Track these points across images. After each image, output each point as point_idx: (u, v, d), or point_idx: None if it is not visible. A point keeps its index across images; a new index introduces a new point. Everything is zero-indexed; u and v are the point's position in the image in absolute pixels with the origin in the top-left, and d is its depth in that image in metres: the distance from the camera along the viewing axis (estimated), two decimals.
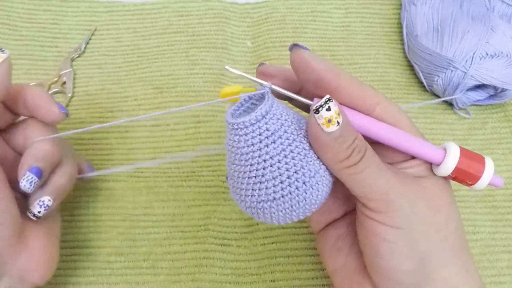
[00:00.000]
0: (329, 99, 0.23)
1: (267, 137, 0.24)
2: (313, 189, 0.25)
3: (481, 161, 0.25)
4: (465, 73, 0.41)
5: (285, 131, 0.24)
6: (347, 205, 0.30)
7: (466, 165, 0.25)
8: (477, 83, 0.41)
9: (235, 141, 0.25)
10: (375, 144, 0.26)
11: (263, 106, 0.24)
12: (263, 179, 0.24)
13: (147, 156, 0.41)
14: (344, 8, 0.51)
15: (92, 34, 0.49)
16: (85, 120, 0.43)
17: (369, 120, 0.25)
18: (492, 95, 0.44)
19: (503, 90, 0.42)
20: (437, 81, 0.43)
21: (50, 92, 0.45)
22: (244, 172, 0.25)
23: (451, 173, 0.25)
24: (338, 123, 0.23)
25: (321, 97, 0.24)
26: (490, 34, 0.41)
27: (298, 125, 0.25)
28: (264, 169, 0.24)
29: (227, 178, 0.27)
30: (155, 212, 0.38)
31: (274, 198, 0.24)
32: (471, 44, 0.41)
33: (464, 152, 0.25)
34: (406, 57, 0.48)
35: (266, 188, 0.24)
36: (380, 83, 0.46)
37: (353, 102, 0.25)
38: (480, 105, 0.45)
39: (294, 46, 0.25)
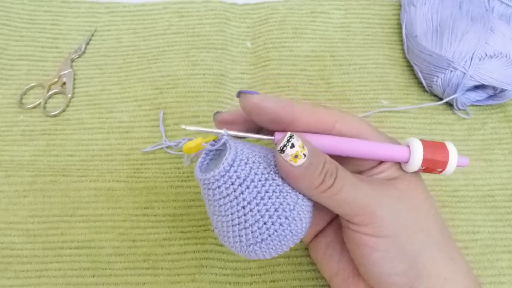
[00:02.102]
0: (290, 137, 0.24)
1: (240, 185, 0.24)
2: (296, 220, 0.25)
3: (443, 146, 0.26)
4: (465, 73, 0.41)
5: (256, 174, 0.25)
6: (330, 213, 0.29)
7: (432, 154, 0.26)
8: (477, 83, 0.41)
9: (209, 194, 0.25)
10: (345, 158, 0.27)
11: (228, 156, 0.24)
12: (247, 225, 0.25)
13: (148, 156, 0.41)
14: (344, 9, 0.51)
15: (92, 35, 0.49)
16: (85, 121, 0.43)
17: (329, 139, 0.26)
18: (491, 96, 0.44)
19: (503, 90, 0.42)
20: (436, 81, 0.43)
21: (50, 93, 0.45)
22: (227, 222, 0.25)
23: (421, 166, 0.26)
24: (304, 155, 0.24)
25: (282, 131, 0.25)
26: (489, 35, 0.41)
27: (267, 162, 0.25)
28: (245, 215, 0.25)
29: (213, 227, 0.28)
30: (155, 212, 0.38)
31: (262, 240, 0.25)
32: (470, 44, 0.41)
33: (426, 143, 0.26)
34: (405, 57, 0.48)
35: (252, 232, 0.25)
36: (380, 84, 0.46)
37: (312, 128, 0.26)
38: (479, 106, 0.45)
39: (241, 93, 0.26)
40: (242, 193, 0.24)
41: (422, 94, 0.46)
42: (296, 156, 0.24)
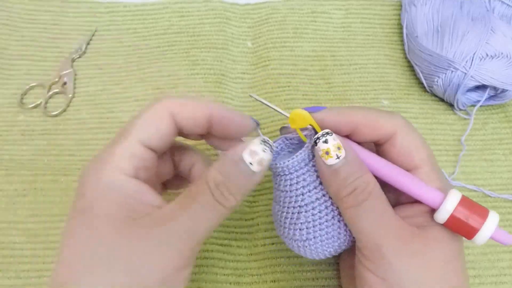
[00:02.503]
0: (327, 133, 0.25)
1: (303, 187, 0.26)
2: (340, 234, 0.27)
3: (482, 213, 0.24)
4: (465, 74, 0.41)
5: (320, 182, 0.26)
6: None
7: (463, 214, 0.24)
8: (477, 83, 0.41)
9: (276, 182, 0.27)
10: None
11: (304, 154, 0.26)
12: (298, 222, 0.27)
13: None
14: (344, 9, 0.51)
15: (93, 35, 0.49)
16: (85, 121, 0.43)
17: (375, 158, 0.26)
18: (492, 96, 0.44)
19: (503, 90, 0.42)
20: (437, 81, 0.43)
21: (50, 93, 0.45)
22: (283, 212, 0.27)
23: (447, 221, 0.24)
24: (337, 156, 0.24)
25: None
26: (490, 35, 0.41)
27: None
28: (299, 213, 0.26)
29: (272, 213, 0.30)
30: None
31: (306, 239, 0.27)
32: (471, 45, 0.41)
33: (466, 201, 0.24)
34: (406, 57, 0.48)
35: (300, 230, 0.27)
36: (380, 84, 0.46)
37: (369, 135, 0.26)
38: (480, 106, 0.45)
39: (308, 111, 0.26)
40: (302, 194, 0.26)
41: (422, 94, 0.46)
42: (327, 153, 0.24)
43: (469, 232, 0.24)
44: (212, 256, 0.36)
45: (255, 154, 0.23)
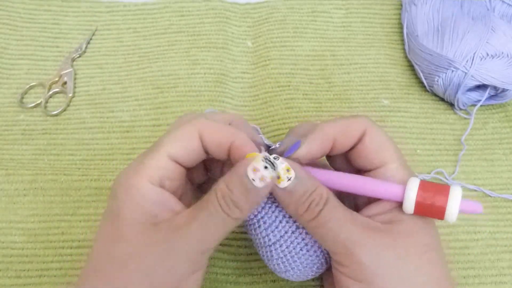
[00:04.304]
0: (273, 158, 0.25)
1: (265, 229, 0.27)
2: (317, 256, 0.28)
3: (444, 190, 0.24)
4: (466, 73, 0.41)
5: (280, 221, 0.27)
6: None
7: (427, 198, 0.24)
8: (478, 83, 0.41)
9: (245, 228, 0.29)
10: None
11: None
12: (272, 259, 0.28)
13: None
14: (344, 8, 0.51)
15: (93, 34, 0.49)
16: (86, 121, 0.43)
17: (316, 171, 0.27)
18: (492, 95, 0.44)
19: (504, 90, 0.42)
20: (437, 81, 0.43)
21: (50, 92, 0.45)
22: (259, 251, 0.29)
23: (415, 209, 0.24)
24: (288, 178, 0.25)
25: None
26: (490, 35, 0.41)
27: None
28: (270, 252, 0.28)
29: None
30: None
31: (286, 270, 0.28)
32: (471, 44, 0.41)
33: (425, 185, 0.24)
34: (406, 57, 0.48)
35: (277, 265, 0.28)
36: (381, 83, 0.46)
37: (341, 141, 0.27)
38: (480, 105, 0.45)
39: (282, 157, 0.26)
40: (267, 235, 0.27)
41: (423, 94, 0.46)
42: (278, 177, 0.25)
43: (438, 212, 0.24)
44: (212, 256, 0.36)
45: (257, 171, 0.24)
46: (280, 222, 0.27)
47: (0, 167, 0.40)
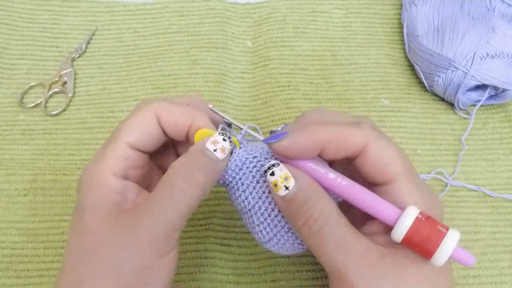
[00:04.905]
0: (273, 165, 0.25)
1: (243, 191, 0.27)
2: (290, 236, 0.26)
3: (441, 232, 0.21)
4: (466, 73, 0.41)
5: (257, 181, 0.27)
6: None
7: (420, 233, 0.21)
8: (478, 83, 0.41)
9: (228, 194, 0.29)
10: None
11: (232, 161, 0.27)
12: (254, 225, 0.27)
13: None
14: (344, 8, 0.51)
15: (93, 34, 0.49)
16: (86, 120, 0.43)
17: (332, 177, 0.25)
18: (492, 95, 0.44)
19: (504, 90, 0.42)
20: (437, 81, 0.43)
21: (50, 92, 0.45)
22: (244, 221, 0.29)
23: (403, 240, 0.22)
24: (285, 187, 0.24)
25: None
26: (490, 35, 0.41)
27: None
28: (251, 217, 0.27)
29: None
30: None
31: (270, 239, 0.27)
32: (471, 44, 0.41)
33: (421, 220, 0.22)
34: (406, 57, 0.48)
35: (260, 232, 0.27)
36: (381, 83, 0.46)
37: (340, 152, 0.25)
38: (480, 105, 0.45)
39: (267, 143, 0.25)
40: (246, 198, 0.27)
41: (423, 94, 0.46)
42: (275, 185, 0.24)
43: (427, 251, 0.21)
44: (212, 256, 0.36)
45: (217, 142, 0.25)
46: (258, 182, 0.27)
47: (0, 167, 0.40)
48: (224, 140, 0.25)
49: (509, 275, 0.36)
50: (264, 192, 0.26)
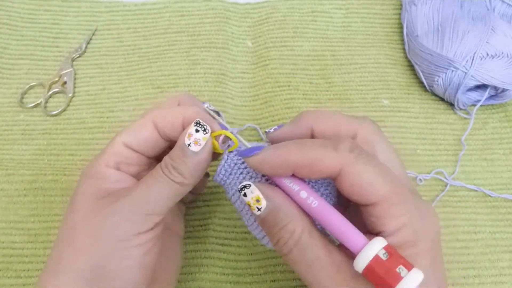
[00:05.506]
0: (245, 186, 0.25)
1: (232, 195, 0.28)
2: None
3: (396, 275, 0.20)
4: (466, 73, 0.41)
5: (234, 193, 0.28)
6: None
7: (382, 267, 0.21)
8: (478, 83, 0.41)
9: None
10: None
11: (220, 166, 0.28)
12: (249, 223, 0.28)
13: None
14: (344, 8, 0.51)
15: (93, 34, 0.49)
16: (86, 120, 0.43)
17: (306, 198, 0.24)
18: (492, 95, 0.44)
19: (504, 90, 0.42)
20: (437, 81, 0.43)
21: (50, 92, 0.45)
22: (242, 219, 0.29)
23: (362, 271, 0.21)
24: (258, 208, 0.24)
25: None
26: (490, 35, 0.41)
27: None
28: (244, 216, 0.28)
29: None
30: None
31: (264, 236, 0.27)
32: (471, 44, 0.41)
33: (387, 252, 0.21)
34: (406, 57, 0.48)
35: (255, 229, 0.28)
36: (381, 83, 0.46)
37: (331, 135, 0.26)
38: (480, 105, 0.45)
39: (244, 156, 0.26)
40: (235, 202, 0.27)
41: (423, 94, 0.46)
42: (249, 205, 0.25)
43: (385, 287, 0.21)
44: (212, 256, 0.36)
45: (191, 135, 0.26)
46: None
47: (0, 167, 0.40)
48: (197, 131, 0.26)
49: (509, 275, 0.36)
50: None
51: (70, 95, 0.45)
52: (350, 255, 0.23)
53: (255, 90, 0.46)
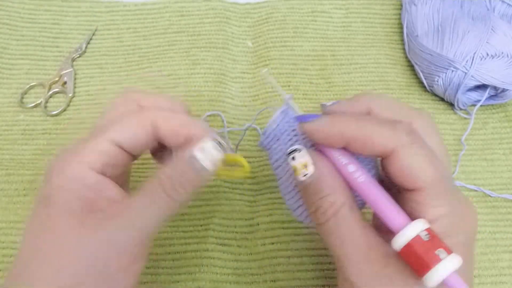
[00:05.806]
0: (294, 150, 0.25)
1: (276, 160, 0.27)
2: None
3: (434, 257, 0.20)
4: (466, 73, 0.41)
5: (284, 160, 0.27)
6: None
7: (420, 247, 0.21)
8: (478, 83, 0.41)
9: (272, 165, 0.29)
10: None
11: (269, 130, 0.28)
12: (285, 191, 0.28)
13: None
14: (344, 8, 0.51)
15: (93, 34, 0.49)
16: (86, 120, 0.43)
17: (355, 174, 0.24)
18: (492, 95, 0.44)
19: (504, 90, 0.42)
20: (437, 81, 0.43)
21: (50, 92, 0.45)
22: (280, 187, 0.29)
23: (400, 250, 0.21)
24: (303, 174, 0.24)
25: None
26: (490, 35, 0.41)
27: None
28: (284, 183, 0.27)
29: None
30: None
31: (299, 206, 0.27)
32: (471, 44, 0.41)
33: (425, 237, 0.21)
34: (406, 57, 0.48)
35: (291, 198, 0.27)
36: (381, 83, 0.46)
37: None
38: (480, 105, 0.45)
39: (299, 122, 0.26)
40: (277, 168, 0.27)
41: (423, 94, 0.46)
42: (295, 170, 0.24)
43: (421, 267, 0.20)
44: (212, 256, 0.36)
45: (205, 151, 0.24)
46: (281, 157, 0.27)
47: (0, 167, 0.40)
48: (213, 148, 0.24)
49: (509, 275, 0.36)
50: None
51: (70, 95, 0.45)
52: (384, 236, 0.23)
53: (255, 90, 0.46)
